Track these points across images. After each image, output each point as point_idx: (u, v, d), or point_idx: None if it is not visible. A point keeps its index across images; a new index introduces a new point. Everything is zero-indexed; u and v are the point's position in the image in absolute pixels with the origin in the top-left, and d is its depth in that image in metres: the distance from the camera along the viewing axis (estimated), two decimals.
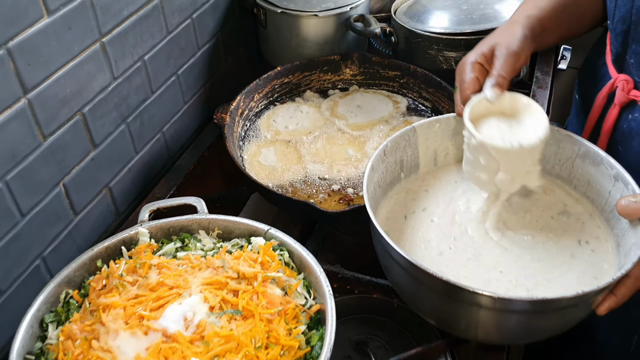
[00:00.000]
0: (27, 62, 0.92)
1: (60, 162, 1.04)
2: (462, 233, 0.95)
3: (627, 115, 0.98)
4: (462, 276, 0.89)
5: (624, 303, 0.84)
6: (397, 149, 1.00)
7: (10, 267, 0.98)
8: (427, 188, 1.03)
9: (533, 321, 0.82)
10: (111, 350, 0.70)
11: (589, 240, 0.93)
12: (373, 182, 0.95)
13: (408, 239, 0.94)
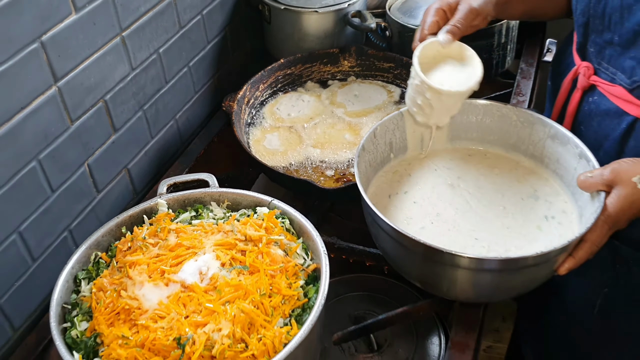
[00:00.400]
0: (57, 53, 1.04)
1: (85, 144, 1.16)
2: (443, 211, 1.06)
3: (588, 98, 1.09)
4: (441, 244, 1.00)
5: (582, 264, 0.95)
6: (387, 132, 1.12)
7: (43, 237, 1.10)
8: (410, 172, 1.14)
9: (503, 279, 0.93)
10: (137, 298, 0.82)
11: (555, 215, 1.04)
12: (365, 161, 1.07)
13: (392, 215, 1.06)
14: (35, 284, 1.09)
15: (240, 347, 0.77)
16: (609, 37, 1.00)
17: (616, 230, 0.96)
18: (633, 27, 0.94)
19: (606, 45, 1.01)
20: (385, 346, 1.74)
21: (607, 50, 1.02)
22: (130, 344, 0.77)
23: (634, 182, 0.90)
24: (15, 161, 1.00)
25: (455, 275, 0.95)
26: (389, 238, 0.97)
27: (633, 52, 0.96)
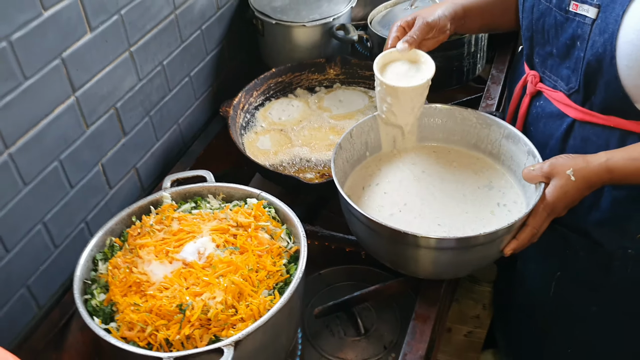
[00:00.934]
0: (75, 68, 1.20)
1: (99, 146, 1.32)
2: (410, 201, 1.22)
3: (535, 102, 1.24)
4: (407, 229, 1.16)
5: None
6: (362, 133, 1.28)
7: (63, 227, 1.26)
8: (381, 167, 1.30)
9: (458, 257, 1.09)
10: (146, 273, 0.98)
11: (506, 203, 1.20)
12: (342, 158, 1.23)
13: (365, 204, 1.22)
14: (57, 267, 1.25)
15: (231, 312, 0.93)
16: (549, 49, 1.16)
17: (556, 217, 1.12)
18: (565, 41, 1.09)
19: (547, 57, 1.17)
20: (372, 330, 1.92)
21: (549, 61, 1.17)
22: (140, 309, 0.93)
23: (568, 175, 1.06)
24: (40, 161, 1.16)
25: (418, 254, 1.10)
26: (361, 224, 1.13)
27: (567, 63, 1.11)
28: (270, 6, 1.69)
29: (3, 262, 1.12)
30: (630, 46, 0.98)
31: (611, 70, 1.02)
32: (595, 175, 1.05)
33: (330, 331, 1.95)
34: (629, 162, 1.03)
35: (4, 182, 1.09)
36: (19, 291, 1.18)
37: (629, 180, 1.05)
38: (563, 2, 1.08)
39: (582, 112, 1.13)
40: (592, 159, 1.06)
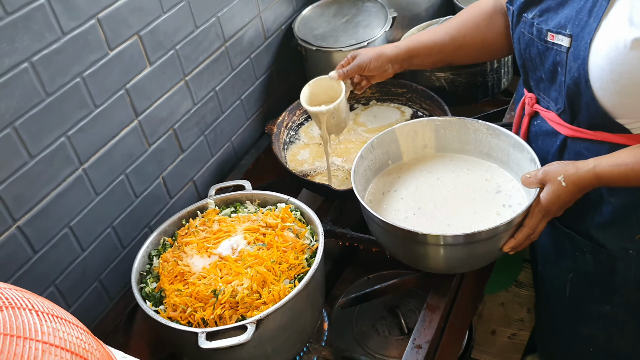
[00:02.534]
0: (137, 96, 1.43)
1: (160, 162, 1.54)
2: (423, 205, 1.36)
3: (534, 121, 1.34)
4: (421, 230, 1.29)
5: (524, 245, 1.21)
6: (383, 144, 1.43)
7: (130, 231, 1.49)
8: (400, 175, 1.44)
9: (464, 252, 1.21)
10: (189, 265, 1.18)
11: (512, 204, 1.31)
12: (363, 167, 1.39)
13: (383, 208, 1.36)
14: (124, 265, 1.48)
15: (255, 296, 1.10)
16: (539, 74, 1.26)
17: (557, 218, 1.22)
18: (549, 67, 1.19)
19: (539, 81, 1.27)
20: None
21: (541, 84, 1.27)
22: (182, 294, 1.13)
23: (559, 181, 1.16)
24: (109, 174, 1.39)
25: (428, 251, 1.24)
26: (378, 227, 1.28)
27: (554, 86, 1.21)
28: (312, 34, 1.88)
29: (79, 259, 1.36)
30: (599, 70, 1.07)
31: (588, 92, 1.11)
32: (585, 180, 1.15)
33: (377, 331, 2.10)
34: (615, 168, 1.12)
35: (79, 193, 1.33)
36: (93, 284, 1.41)
37: (616, 183, 1.15)
38: (542, 34, 1.19)
39: (571, 129, 1.22)
40: (581, 165, 1.16)
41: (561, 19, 1.15)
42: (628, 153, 1.13)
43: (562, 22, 1.15)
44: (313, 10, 1.97)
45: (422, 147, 1.47)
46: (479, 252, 1.22)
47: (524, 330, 2.15)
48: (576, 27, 1.11)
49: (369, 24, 1.87)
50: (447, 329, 1.29)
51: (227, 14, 1.67)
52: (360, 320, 2.07)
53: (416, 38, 1.47)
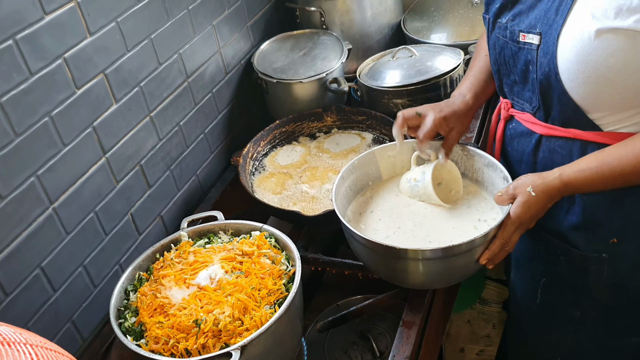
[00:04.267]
0: (104, 134, 1.44)
1: (128, 198, 1.55)
2: (403, 225, 1.40)
3: (509, 125, 1.42)
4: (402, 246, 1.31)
5: (499, 256, 1.26)
6: (362, 165, 1.48)
7: (101, 269, 1.47)
8: (372, 195, 1.49)
9: (441, 266, 1.25)
10: (168, 297, 1.18)
11: (487, 219, 1.36)
12: (344, 187, 1.43)
13: (363, 229, 1.40)
14: (97, 304, 1.46)
15: (237, 323, 1.12)
16: (513, 77, 1.34)
17: (528, 228, 1.27)
18: (521, 67, 1.27)
19: (513, 84, 1.35)
20: (386, 353, 2.08)
21: (515, 88, 1.35)
22: (164, 326, 1.13)
23: (529, 191, 1.22)
24: (79, 213, 1.39)
25: (409, 266, 1.27)
26: (360, 245, 1.30)
27: (528, 86, 1.29)
28: (272, 67, 1.93)
29: (51, 300, 1.34)
30: (567, 62, 1.16)
31: (558, 86, 1.19)
32: (553, 189, 1.21)
33: (349, 356, 2.11)
34: (579, 174, 1.19)
35: (50, 232, 1.32)
36: (66, 325, 1.39)
37: (584, 189, 1.21)
38: (514, 35, 1.27)
39: (546, 127, 1.29)
40: (548, 174, 1.23)
41: (531, 19, 1.23)
42: (592, 157, 1.20)
43: (533, 22, 1.22)
44: (271, 45, 2.03)
45: (401, 167, 1.52)
46: (457, 266, 1.26)
47: (491, 345, 2.21)
48: (545, 25, 1.19)
49: (326, 56, 1.94)
50: (424, 344, 1.32)
51: (188, 51, 1.70)
52: (332, 347, 2.09)
53: (477, 79, 1.50)
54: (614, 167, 1.17)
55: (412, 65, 1.79)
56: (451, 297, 1.69)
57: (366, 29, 2.08)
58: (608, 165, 1.17)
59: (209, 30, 1.78)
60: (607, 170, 1.17)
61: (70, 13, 1.30)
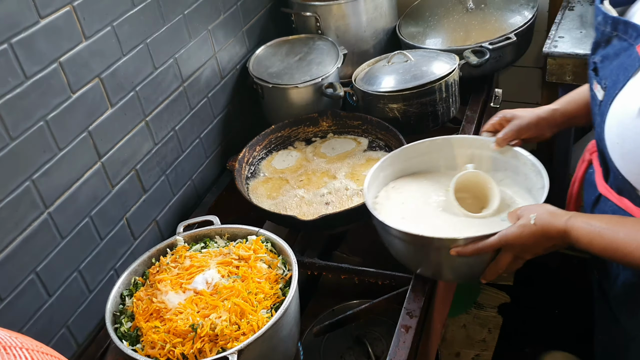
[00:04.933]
0: (100, 138, 1.44)
1: (123, 203, 1.54)
2: (429, 216, 1.37)
3: (589, 169, 1.31)
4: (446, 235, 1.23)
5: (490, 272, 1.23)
6: (396, 160, 1.49)
7: (96, 274, 1.47)
8: (412, 186, 1.48)
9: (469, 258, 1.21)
10: (164, 302, 1.18)
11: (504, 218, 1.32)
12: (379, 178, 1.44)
13: (392, 221, 1.35)
14: (92, 309, 1.46)
15: (234, 327, 1.11)
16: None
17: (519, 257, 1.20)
18: (592, 115, 1.17)
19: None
20: (382, 357, 2.08)
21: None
22: (160, 330, 1.12)
23: (530, 218, 1.15)
24: (74, 218, 1.38)
25: (430, 255, 1.27)
26: (388, 235, 1.29)
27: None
28: (267, 72, 1.93)
29: (46, 305, 1.33)
30: (609, 130, 1.06)
31: (606, 151, 1.07)
32: (553, 228, 1.12)
33: None
34: (585, 226, 1.08)
35: (45, 237, 1.31)
36: (61, 331, 1.38)
37: (583, 244, 1.09)
38: (591, 79, 1.15)
39: (604, 188, 1.19)
40: (559, 213, 1.14)
41: (607, 70, 1.09)
42: (606, 218, 1.10)
43: (607, 74, 1.09)
44: (266, 50, 2.03)
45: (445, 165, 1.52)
46: (485, 260, 1.24)
47: (487, 350, 2.21)
48: (610, 82, 1.07)
49: (322, 61, 1.94)
50: (420, 349, 1.32)
51: (184, 55, 1.70)
52: (328, 352, 2.08)
53: (572, 99, 1.40)
54: (617, 239, 1.05)
55: (407, 70, 1.80)
56: (447, 302, 1.69)
57: (361, 34, 2.09)
58: (613, 234, 1.05)
59: (204, 35, 1.78)
60: (609, 237, 1.05)
61: (66, 17, 1.29)
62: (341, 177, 1.72)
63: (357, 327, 2.11)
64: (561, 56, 1.82)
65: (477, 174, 1.40)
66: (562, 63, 1.83)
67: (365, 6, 2.04)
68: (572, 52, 1.81)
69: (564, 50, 1.83)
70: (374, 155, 1.78)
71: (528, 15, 2.01)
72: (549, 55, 1.84)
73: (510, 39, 1.89)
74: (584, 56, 1.79)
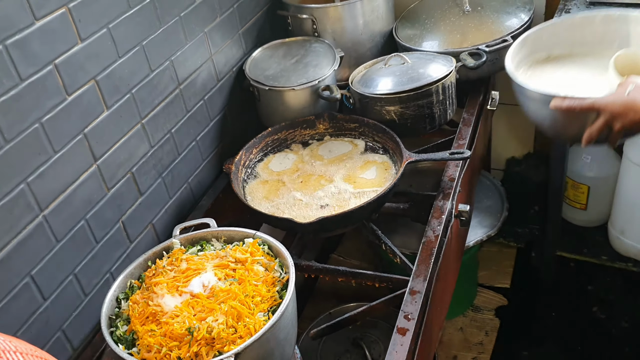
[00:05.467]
0: (96, 141, 1.43)
1: (119, 206, 1.53)
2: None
3: None
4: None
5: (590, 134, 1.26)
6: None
7: (91, 278, 1.46)
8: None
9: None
10: (160, 305, 1.17)
11: None
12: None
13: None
14: (87, 313, 1.44)
15: (231, 330, 1.10)
16: None
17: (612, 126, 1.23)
18: None
19: None
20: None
21: None
22: (156, 334, 1.11)
23: (628, 88, 1.21)
24: (70, 220, 1.37)
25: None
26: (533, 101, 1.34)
27: None
28: (264, 75, 1.92)
29: (41, 309, 1.32)
30: None
31: None
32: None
33: None
34: None
35: (40, 240, 1.30)
36: (56, 334, 1.37)
37: None
38: None
39: None
40: None
41: None
42: None
43: None
44: (263, 52, 2.02)
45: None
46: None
47: (484, 353, 2.21)
48: None
49: (318, 63, 1.94)
50: (418, 351, 1.31)
51: (180, 58, 1.69)
52: (325, 356, 2.08)
53: None
54: None
55: (404, 72, 1.80)
56: (445, 304, 1.68)
57: (358, 37, 2.09)
58: None
59: (200, 37, 1.77)
60: None
61: (61, 19, 1.29)
62: (338, 179, 1.71)
63: (354, 330, 2.11)
64: None
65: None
66: None
67: (362, 9, 2.04)
68: None
69: None
70: (370, 158, 1.78)
71: (524, 18, 2.01)
72: None
73: (507, 41, 1.89)
74: None
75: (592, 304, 2.37)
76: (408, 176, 2.02)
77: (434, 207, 1.60)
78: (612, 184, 2.25)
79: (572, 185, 2.35)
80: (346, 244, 2.51)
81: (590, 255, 2.33)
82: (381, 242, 1.61)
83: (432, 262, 1.42)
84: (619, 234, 2.25)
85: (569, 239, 2.39)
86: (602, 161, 2.25)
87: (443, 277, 1.55)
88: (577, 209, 2.40)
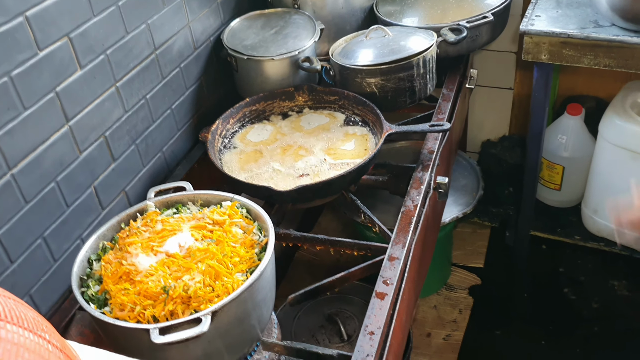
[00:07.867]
0: (68, 100, 1.38)
1: (92, 170, 1.48)
2: None
3: None
4: None
5: None
6: None
7: (61, 242, 1.41)
8: None
9: None
10: (134, 264, 1.13)
11: None
12: None
13: None
14: (56, 279, 1.40)
15: (208, 289, 1.07)
16: None
17: None
18: None
19: None
20: (354, 336, 2.06)
21: None
22: (130, 292, 1.08)
23: None
24: (39, 182, 1.32)
25: None
26: None
27: None
28: (242, 45, 1.89)
29: (8, 271, 1.27)
30: None
31: None
32: None
33: (317, 340, 2.09)
34: None
35: (8, 200, 1.25)
36: (23, 299, 1.32)
37: None
38: None
39: None
40: None
41: None
42: None
43: None
44: (241, 23, 1.99)
45: None
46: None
47: (458, 330, 2.21)
48: None
49: (298, 35, 1.91)
50: (396, 318, 1.30)
51: (156, 22, 1.65)
52: (299, 331, 2.06)
53: None
54: None
55: (385, 44, 1.78)
56: (421, 276, 1.68)
57: (338, 11, 2.06)
58: None
59: (178, 3, 1.73)
60: None
61: None
62: (317, 151, 1.69)
63: (329, 306, 2.09)
64: (538, 34, 1.82)
65: None
66: (539, 41, 1.84)
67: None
68: (549, 30, 1.81)
69: (540, 28, 1.83)
70: (350, 131, 1.76)
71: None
72: (525, 33, 1.84)
73: (487, 17, 1.89)
74: (560, 34, 1.79)
75: (564, 284, 2.40)
76: (386, 155, 2.00)
77: (413, 178, 1.59)
78: (586, 165, 2.27)
79: (547, 166, 2.36)
80: (323, 224, 2.49)
81: (564, 235, 2.35)
82: (360, 212, 1.59)
83: (410, 230, 1.41)
84: (592, 213, 2.28)
85: (543, 219, 2.41)
86: (577, 141, 2.27)
87: (420, 246, 1.54)
88: (551, 189, 2.41)
